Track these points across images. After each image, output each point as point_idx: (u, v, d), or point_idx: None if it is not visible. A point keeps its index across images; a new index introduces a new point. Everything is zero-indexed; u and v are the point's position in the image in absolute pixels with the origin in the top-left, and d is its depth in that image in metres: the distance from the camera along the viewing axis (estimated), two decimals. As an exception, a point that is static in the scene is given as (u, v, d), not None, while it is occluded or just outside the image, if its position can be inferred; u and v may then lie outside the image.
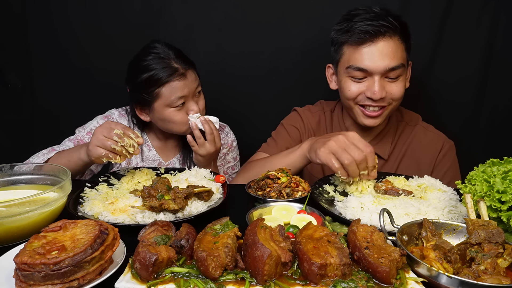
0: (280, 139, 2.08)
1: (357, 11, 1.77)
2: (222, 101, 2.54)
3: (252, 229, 1.02)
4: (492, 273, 0.93)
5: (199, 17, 2.39)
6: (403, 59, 1.75)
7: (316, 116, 2.12)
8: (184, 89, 1.86)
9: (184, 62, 1.88)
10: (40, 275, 0.87)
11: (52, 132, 2.56)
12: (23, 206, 1.15)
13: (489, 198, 1.15)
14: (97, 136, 1.52)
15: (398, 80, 1.77)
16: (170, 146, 2.18)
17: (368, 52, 1.72)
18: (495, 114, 2.43)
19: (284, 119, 2.18)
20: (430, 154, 1.94)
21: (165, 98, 1.86)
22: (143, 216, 1.30)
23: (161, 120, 1.95)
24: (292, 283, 0.94)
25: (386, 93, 1.75)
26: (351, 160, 1.44)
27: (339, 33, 1.79)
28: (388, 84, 1.76)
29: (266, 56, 2.45)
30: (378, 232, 1.06)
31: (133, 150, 1.55)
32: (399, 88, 1.77)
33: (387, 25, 1.69)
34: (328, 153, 1.49)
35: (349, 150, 1.46)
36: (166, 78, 1.82)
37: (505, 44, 2.29)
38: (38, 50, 2.48)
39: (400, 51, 1.74)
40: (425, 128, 2.00)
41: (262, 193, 1.49)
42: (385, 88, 1.75)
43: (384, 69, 1.71)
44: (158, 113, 1.91)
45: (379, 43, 1.71)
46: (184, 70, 1.87)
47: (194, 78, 1.93)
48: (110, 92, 2.46)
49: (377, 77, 1.73)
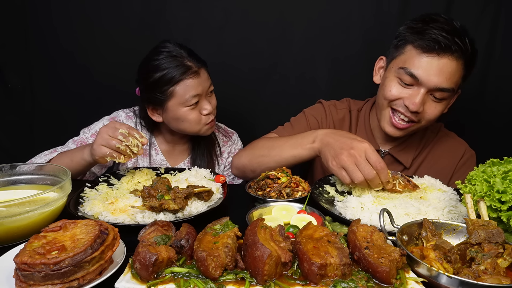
0: (298, 125, 2.04)
1: (437, 17, 1.67)
2: (223, 100, 2.54)
3: (252, 229, 1.02)
4: (492, 273, 0.93)
5: (200, 17, 2.40)
6: (456, 85, 1.66)
7: (341, 113, 2.05)
8: (198, 88, 1.85)
9: (197, 61, 1.88)
10: (40, 275, 0.87)
11: (52, 132, 2.57)
12: (23, 206, 1.15)
13: (489, 198, 1.15)
14: (102, 135, 1.53)
15: (441, 102, 1.69)
16: (177, 151, 2.15)
17: (428, 62, 1.61)
18: (495, 115, 2.43)
19: (307, 109, 2.12)
20: (450, 162, 1.89)
21: (179, 97, 1.84)
22: (143, 216, 1.30)
23: (174, 120, 1.92)
24: (292, 283, 0.93)
25: (423, 109, 1.68)
26: (362, 180, 1.41)
27: (410, 31, 1.69)
28: (430, 102, 1.69)
29: (266, 56, 2.45)
30: (378, 232, 1.06)
31: (137, 150, 1.55)
32: (437, 110, 1.70)
33: (460, 45, 1.59)
34: (339, 168, 1.46)
35: (360, 167, 1.42)
36: (180, 76, 1.81)
37: (505, 45, 2.29)
38: (38, 50, 2.48)
39: (458, 76, 1.65)
40: (446, 135, 1.96)
41: (262, 193, 1.49)
42: (424, 104, 1.68)
43: (434, 86, 1.62)
44: (172, 112, 1.89)
45: (443, 59, 1.60)
46: (198, 68, 1.86)
47: (207, 77, 1.92)
48: (110, 92, 2.46)
49: (423, 90, 1.64)
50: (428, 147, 1.93)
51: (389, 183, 1.46)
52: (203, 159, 2.11)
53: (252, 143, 1.94)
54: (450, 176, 1.88)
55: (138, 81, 1.96)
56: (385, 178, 1.42)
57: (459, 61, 1.62)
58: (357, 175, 1.41)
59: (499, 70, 2.34)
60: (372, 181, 1.41)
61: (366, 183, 1.43)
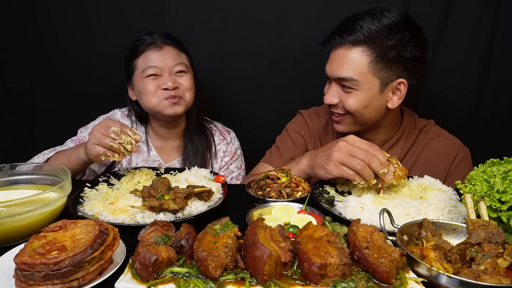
0: (284, 147, 2.03)
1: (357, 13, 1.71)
2: (222, 100, 2.55)
3: (252, 229, 1.02)
4: (492, 273, 0.93)
5: (199, 17, 2.39)
6: (357, 73, 1.64)
7: (323, 119, 2.05)
8: (157, 61, 1.91)
9: (165, 38, 1.96)
10: (40, 275, 0.87)
11: (52, 132, 2.57)
12: (23, 206, 1.15)
13: (489, 198, 1.15)
14: (95, 134, 1.52)
15: (353, 93, 1.69)
16: (170, 147, 2.16)
17: (331, 57, 1.75)
18: (495, 114, 2.42)
19: (288, 124, 2.13)
20: (443, 163, 1.85)
21: (139, 68, 1.94)
22: (143, 216, 1.30)
23: (138, 94, 2.00)
24: (292, 283, 0.93)
25: (340, 102, 1.74)
26: (363, 164, 1.40)
27: None
28: (343, 93, 1.72)
29: (266, 56, 2.45)
30: (378, 232, 1.06)
31: (131, 147, 1.54)
32: (351, 101, 1.70)
33: (345, 36, 1.64)
34: (337, 165, 1.45)
35: (355, 154, 1.42)
36: (143, 48, 1.92)
37: (505, 44, 2.29)
38: (38, 50, 2.48)
39: (360, 63, 1.63)
40: (438, 134, 1.90)
41: (262, 193, 1.49)
42: (341, 97, 1.73)
43: (332, 76, 1.72)
44: (136, 85, 1.98)
45: (337, 50, 1.70)
46: (162, 44, 1.93)
47: (174, 55, 1.95)
48: (110, 92, 2.46)
49: (333, 83, 1.74)
50: (418, 149, 1.89)
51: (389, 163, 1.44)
52: (196, 158, 2.11)
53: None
54: (444, 178, 1.84)
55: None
56: (382, 157, 1.43)
57: (356, 48, 1.64)
58: (356, 162, 1.41)
59: (499, 70, 2.33)
60: (373, 162, 1.40)
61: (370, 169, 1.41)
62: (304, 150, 2.01)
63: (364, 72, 1.64)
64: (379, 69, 1.64)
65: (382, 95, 1.70)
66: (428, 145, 1.89)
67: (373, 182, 1.44)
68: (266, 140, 2.18)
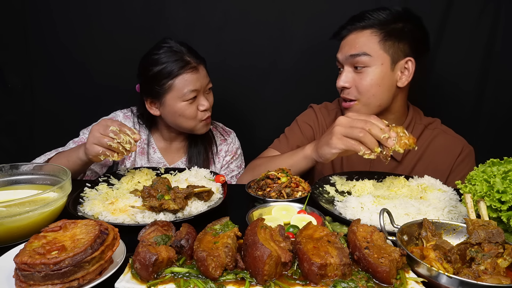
0: (292, 136, 2.07)
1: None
2: (222, 100, 2.54)
3: (252, 229, 1.02)
4: (492, 273, 0.93)
5: (199, 17, 2.40)
6: (369, 49, 1.74)
7: (332, 113, 2.09)
8: (196, 83, 1.89)
9: (196, 57, 1.93)
10: (40, 275, 0.87)
11: (52, 132, 2.57)
12: (23, 206, 1.15)
13: (489, 198, 1.15)
14: (94, 133, 1.53)
15: (365, 72, 1.76)
16: (174, 148, 2.17)
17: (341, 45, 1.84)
18: (495, 114, 2.43)
19: (299, 116, 2.16)
20: (448, 159, 1.87)
21: (177, 91, 1.88)
22: (143, 216, 1.30)
23: (171, 114, 1.95)
24: (292, 283, 0.93)
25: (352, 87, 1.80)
26: (364, 131, 1.43)
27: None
28: (355, 75, 1.79)
29: (266, 56, 2.45)
30: (378, 232, 1.06)
31: (129, 146, 1.54)
32: (364, 82, 1.76)
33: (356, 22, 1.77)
34: (341, 138, 1.48)
35: (355, 124, 1.46)
36: (179, 70, 1.86)
37: (505, 44, 2.29)
38: (38, 50, 2.49)
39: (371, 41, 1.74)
40: (444, 131, 1.94)
41: (262, 193, 1.49)
42: (354, 80, 1.80)
43: (344, 55, 1.79)
44: (169, 106, 1.92)
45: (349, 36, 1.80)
46: (196, 64, 1.91)
47: (205, 74, 1.96)
48: (110, 92, 2.46)
49: (345, 67, 1.82)
50: (423, 144, 1.92)
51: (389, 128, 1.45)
52: (200, 157, 2.12)
53: (251, 164, 1.98)
54: (447, 174, 1.87)
55: (138, 75, 1.99)
56: (381, 123, 1.45)
57: (366, 30, 1.76)
58: (358, 130, 1.44)
59: (499, 70, 2.33)
60: (373, 129, 1.42)
61: (371, 136, 1.42)
62: (312, 140, 2.02)
63: (375, 48, 1.74)
64: (388, 46, 1.74)
65: (392, 73, 1.78)
66: (434, 141, 1.92)
67: (377, 150, 1.45)
68: (266, 140, 2.18)
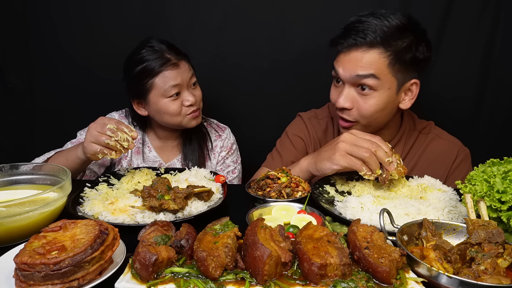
0: (285, 151, 2.03)
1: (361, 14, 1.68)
2: (221, 101, 2.54)
3: (252, 229, 1.02)
4: (492, 273, 0.93)
5: (199, 17, 2.39)
6: (377, 70, 1.60)
7: (323, 123, 2.04)
8: (177, 78, 1.90)
9: (176, 54, 1.94)
10: (40, 275, 0.87)
11: (52, 132, 2.57)
12: (23, 206, 1.15)
13: (489, 198, 1.15)
14: (91, 132, 1.53)
15: (370, 95, 1.64)
16: (169, 147, 2.18)
17: (342, 59, 1.66)
18: (495, 114, 2.42)
19: (288, 127, 2.12)
20: (444, 164, 1.84)
21: (159, 88, 1.90)
22: (143, 216, 1.30)
23: (157, 112, 1.97)
24: (292, 283, 0.93)
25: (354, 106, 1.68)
26: (369, 153, 1.42)
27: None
28: (359, 96, 1.67)
29: (266, 56, 2.45)
30: (378, 232, 1.06)
31: (127, 144, 1.55)
32: (368, 105, 1.65)
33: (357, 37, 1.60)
34: (344, 155, 1.47)
35: (361, 144, 1.45)
36: (159, 68, 1.88)
37: (505, 45, 2.29)
38: (38, 50, 2.48)
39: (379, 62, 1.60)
40: (438, 136, 1.90)
41: (262, 193, 1.49)
42: (356, 101, 1.67)
43: (350, 75, 1.63)
44: (154, 104, 1.94)
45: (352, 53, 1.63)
46: (177, 60, 1.92)
47: (187, 68, 1.96)
48: (110, 92, 2.46)
49: (347, 85, 1.67)
50: (419, 151, 1.89)
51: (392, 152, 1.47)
52: (195, 154, 2.14)
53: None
54: (444, 180, 1.83)
55: (124, 76, 2.01)
56: (386, 147, 1.45)
57: (373, 50, 1.60)
58: (363, 151, 1.43)
59: (498, 70, 2.33)
60: (379, 151, 1.43)
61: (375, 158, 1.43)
62: (305, 153, 2.00)
63: (384, 72, 1.62)
64: (396, 71, 1.63)
65: (397, 96, 1.71)
66: (429, 147, 1.89)
67: (378, 172, 1.46)
68: (266, 140, 2.18)
